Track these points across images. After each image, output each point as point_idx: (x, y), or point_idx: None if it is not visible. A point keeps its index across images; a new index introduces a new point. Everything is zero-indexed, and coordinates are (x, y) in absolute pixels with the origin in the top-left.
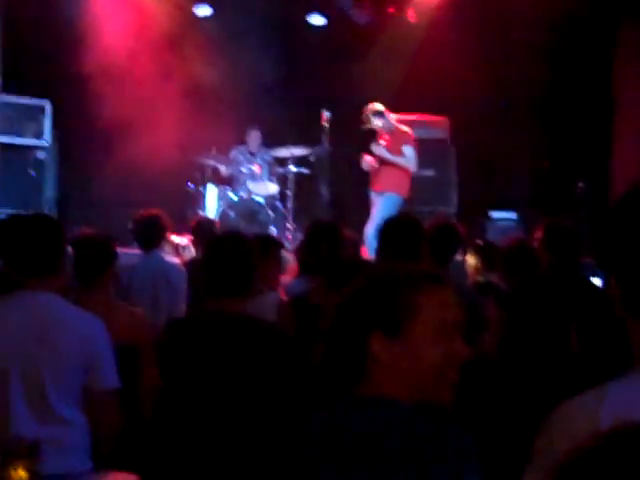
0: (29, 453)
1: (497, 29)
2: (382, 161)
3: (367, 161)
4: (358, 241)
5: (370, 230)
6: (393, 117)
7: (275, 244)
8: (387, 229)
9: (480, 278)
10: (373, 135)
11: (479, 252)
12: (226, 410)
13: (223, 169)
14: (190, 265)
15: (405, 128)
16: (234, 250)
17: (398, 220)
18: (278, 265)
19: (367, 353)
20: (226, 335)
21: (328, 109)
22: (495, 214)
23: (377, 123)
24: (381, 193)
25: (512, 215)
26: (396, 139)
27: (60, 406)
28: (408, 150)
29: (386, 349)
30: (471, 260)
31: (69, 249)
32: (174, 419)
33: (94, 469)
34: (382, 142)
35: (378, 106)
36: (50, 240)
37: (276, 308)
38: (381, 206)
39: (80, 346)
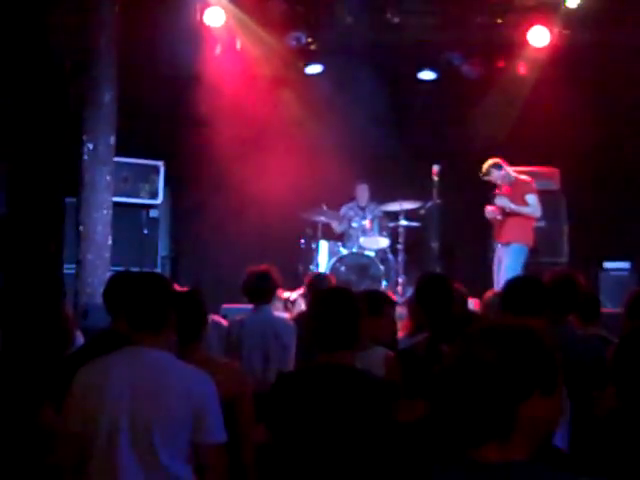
0: None
1: (609, 81)
2: (505, 212)
3: (490, 211)
4: (466, 294)
5: (502, 281)
6: (511, 169)
7: (388, 302)
8: (511, 288)
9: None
10: (489, 187)
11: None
12: (334, 462)
13: (335, 225)
14: (299, 319)
15: (526, 177)
16: (340, 304)
17: (522, 280)
18: (391, 323)
19: (518, 414)
20: (334, 388)
21: (438, 162)
22: (608, 264)
23: (497, 175)
24: (507, 244)
25: (626, 265)
26: (518, 189)
27: (167, 460)
28: (531, 198)
29: (543, 408)
30: None
31: None
32: (285, 470)
33: None
34: (504, 194)
35: (496, 160)
36: (159, 297)
37: (382, 362)
38: (509, 257)
39: (188, 401)
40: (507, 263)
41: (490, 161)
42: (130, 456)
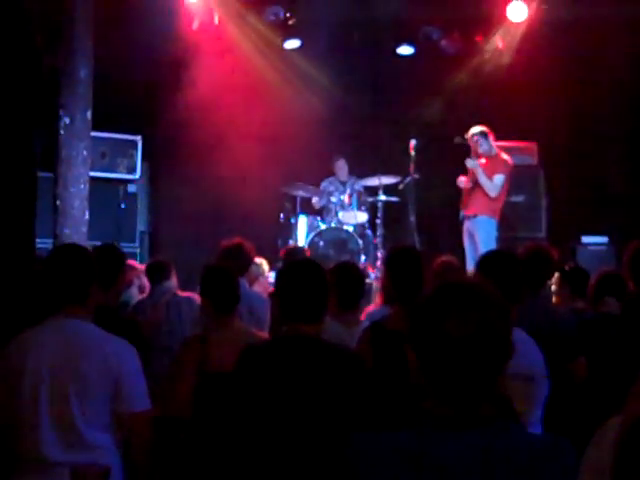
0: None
1: (587, 56)
2: (475, 183)
3: (462, 181)
4: (459, 267)
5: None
6: (495, 144)
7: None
8: (486, 262)
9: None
10: (463, 156)
11: (565, 278)
12: (299, 431)
13: (315, 200)
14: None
15: (506, 157)
16: (307, 275)
17: (497, 254)
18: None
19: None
20: (299, 359)
21: (415, 138)
22: (586, 239)
23: (480, 143)
24: (474, 216)
25: (604, 239)
26: (493, 165)
27: (88, 431)
28: (499, 178)
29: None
30: (555, 286)
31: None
32: (251, 440)
33: None
34: (481, 161)
35: (485, 128)
36: (75, 269)
37: None
38: (480, 231)
39: (106, 369)
40: (480, 237)
41: (478, 128)
42: (50, 425)
